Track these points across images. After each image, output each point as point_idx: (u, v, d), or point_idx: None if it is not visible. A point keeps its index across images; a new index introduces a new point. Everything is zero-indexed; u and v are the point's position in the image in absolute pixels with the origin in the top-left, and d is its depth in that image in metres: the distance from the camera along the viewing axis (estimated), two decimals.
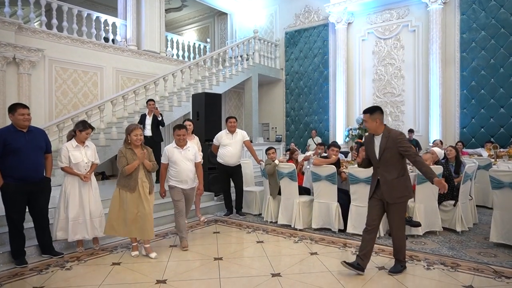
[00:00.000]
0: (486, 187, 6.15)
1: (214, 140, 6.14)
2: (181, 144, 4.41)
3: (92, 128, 4.38)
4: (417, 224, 4.67)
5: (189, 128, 5.54)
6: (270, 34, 13.16)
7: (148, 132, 7.00)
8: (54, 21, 8.54)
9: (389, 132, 3.45)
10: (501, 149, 8.05)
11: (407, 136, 6.67)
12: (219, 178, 6.28)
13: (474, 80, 9.56)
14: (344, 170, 5.35)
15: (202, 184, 4.68)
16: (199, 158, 4.64)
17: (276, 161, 5.49)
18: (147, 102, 7.31)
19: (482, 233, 4.88)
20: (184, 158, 4.38)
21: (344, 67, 11.26)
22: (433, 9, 9.76)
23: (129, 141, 3.95)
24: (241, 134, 6.03)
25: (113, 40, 10.17)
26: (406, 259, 3.65)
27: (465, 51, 9.66)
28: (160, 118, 7.13)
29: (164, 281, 3.41)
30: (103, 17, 9.79)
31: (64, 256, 4.06)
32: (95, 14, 9.57)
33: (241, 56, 11.38)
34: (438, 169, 4.76)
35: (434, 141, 8.31)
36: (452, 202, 5.02)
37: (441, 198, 5.03)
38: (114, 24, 10.21)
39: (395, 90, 10.68)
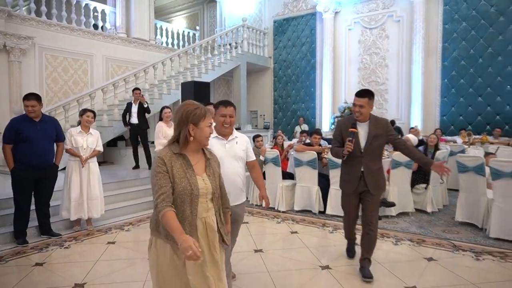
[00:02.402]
0: None
1: None
2: (226, 132, 2.70)
3: (93, 112, 4.64)
4: (392, 204, 5.05)
5: (168, 115, 5.74)
6: (258, 22, 13.29)
7: (134, 119, 7.35)
8: (43, 8, 8.57)
9: (376, 119, 3.19)
10: (475, 136, 8.51)
11: None
12: None
13: (454, 70, 9.92)
14: (325, 156, 5.68)
15: (264, 189, 2.92)
16: (253, 155, 2.92)
17: (261, 157, 5.77)
18: (132, 91, 7.57)
19: (450, 213, 5.30)
20: (230, 155, 2.67)
21: (331, 55, 11.50)
22: (417, 0, 10.02)
23: (191, 137, 1.81)
24: None
25: (102, 28, 10.22)
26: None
27: (447, 42, 9.98)
28: (146, 105, 7.40)
29: None
30: (92, 4, 9.82)
31: (62, 236, 4.35)
32: (84, 1, 9.59)
33: (230, 44, 11.52)
34: None
35: (412, 128, 8.73)
36: (424, 185, 5.42)
37: (414, 182, 5.43)
38: (103, 12, 10.24)
39: (379, 79, 11.00)
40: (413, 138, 5.69)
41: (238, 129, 6.98)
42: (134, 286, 3.10)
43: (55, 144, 4.29)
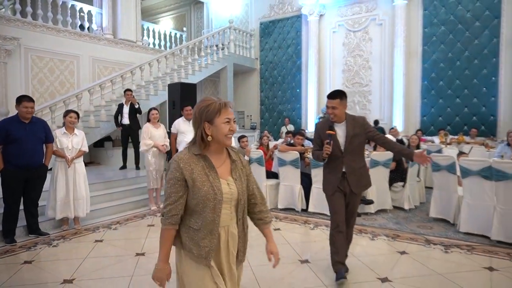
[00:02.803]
0: None
1: (172, 128, 5.85)
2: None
3: (76, 113, 4.75)
4: (370, 202, 5.30)
5: (155, 116, 5.88)
6: (245, 24, 13.46)
7: (126, 120, 7.44)
8: (29, 9, 8.56)
9: (353, 118, 3.19)
10: (452, 136, 8.87)
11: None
12: None
13: (434, 72, 10.28)
14: (307, 156, 5.89)
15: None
16: None
17: (246, 157, 5.95)
18: (124, 92, 7.65)
19: (426, 210, 5.53)
20: None
21: (316, 57, 11.77)
22: (398, 4, 10.35)
23: (208, 137, 1.63)
24: None
25: (88, 29, 10.23)
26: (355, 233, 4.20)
27: (427, 45, 10.34)
28: (137, 106, 7.51)
29: (143, 254, 3.88)
30: (78, 5, 9.83)
31: (50, 235, 4.45)
32: (70, 2, 9.60)
33: (216, 46, 11.66)
34: (389, 154, 5.37)
35: (392, 128, 9.05)
36: (402, 183, 5.68)
37: (392, 180, 5.68)
38: (89, 12, 10.26)
39: (362, 81, 11.31)
40: (391, 139, 5.93)
41: None
42: (122, 281, 3.24)
43: (44, 145, 4.37)
